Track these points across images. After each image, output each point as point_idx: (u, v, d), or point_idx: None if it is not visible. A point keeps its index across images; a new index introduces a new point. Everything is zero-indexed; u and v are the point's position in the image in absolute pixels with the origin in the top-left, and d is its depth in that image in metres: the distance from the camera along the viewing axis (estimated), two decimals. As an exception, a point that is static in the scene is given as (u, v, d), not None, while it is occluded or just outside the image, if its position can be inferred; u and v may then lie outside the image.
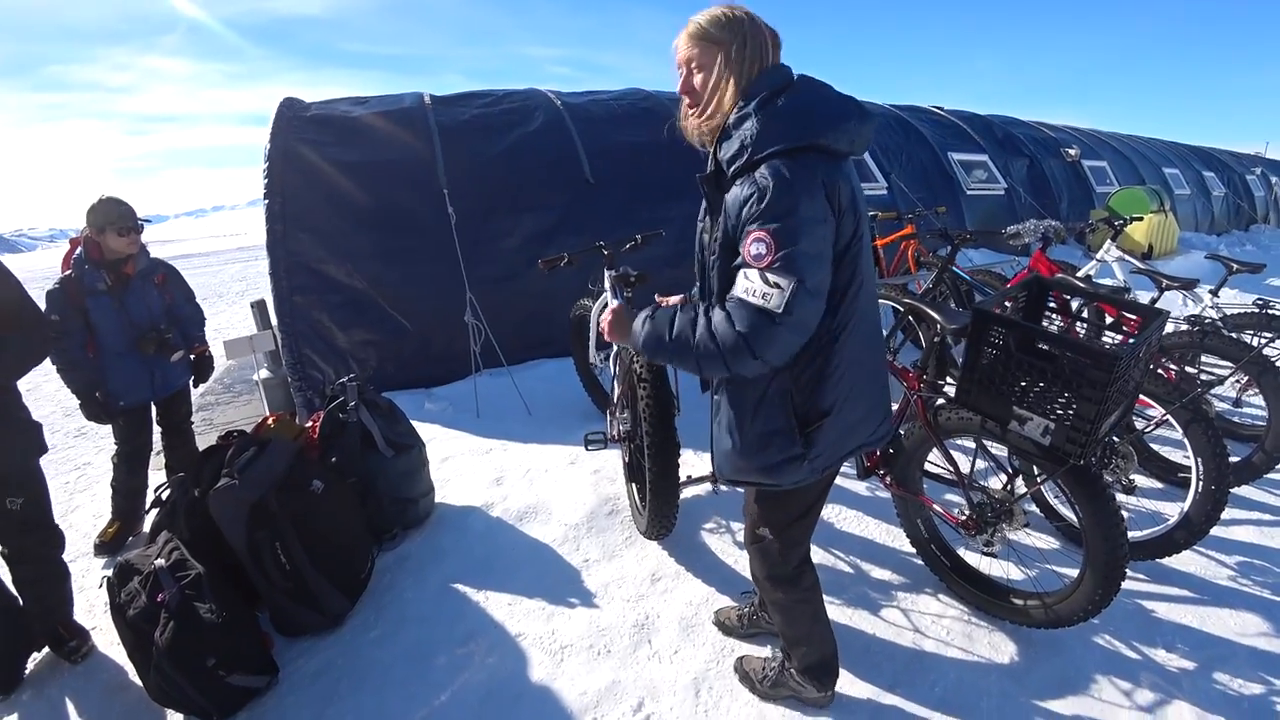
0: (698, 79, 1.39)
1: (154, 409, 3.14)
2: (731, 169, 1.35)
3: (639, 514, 2.77)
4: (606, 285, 3.49)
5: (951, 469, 2.16)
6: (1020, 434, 1.80)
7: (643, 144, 5.93)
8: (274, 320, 4.36)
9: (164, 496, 2.44)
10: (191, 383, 3.27)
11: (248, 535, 2.08)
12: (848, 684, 1.96)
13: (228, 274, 14.28)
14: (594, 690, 1.98)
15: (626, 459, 2.88)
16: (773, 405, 1.43)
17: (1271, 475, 2.95)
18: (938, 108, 9.82)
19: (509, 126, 5.56)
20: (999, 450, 2.31)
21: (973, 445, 2.23)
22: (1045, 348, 1.71)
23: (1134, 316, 1.97)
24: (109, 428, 3.04)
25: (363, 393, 2.88)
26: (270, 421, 2.80)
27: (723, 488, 3.18)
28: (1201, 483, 2.26)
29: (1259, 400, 2.93)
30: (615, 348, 3.26)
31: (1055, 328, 2.17)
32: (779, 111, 1.30)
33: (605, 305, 2.87)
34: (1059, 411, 1.69)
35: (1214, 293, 3.26)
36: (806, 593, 1.74)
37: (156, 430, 3.22)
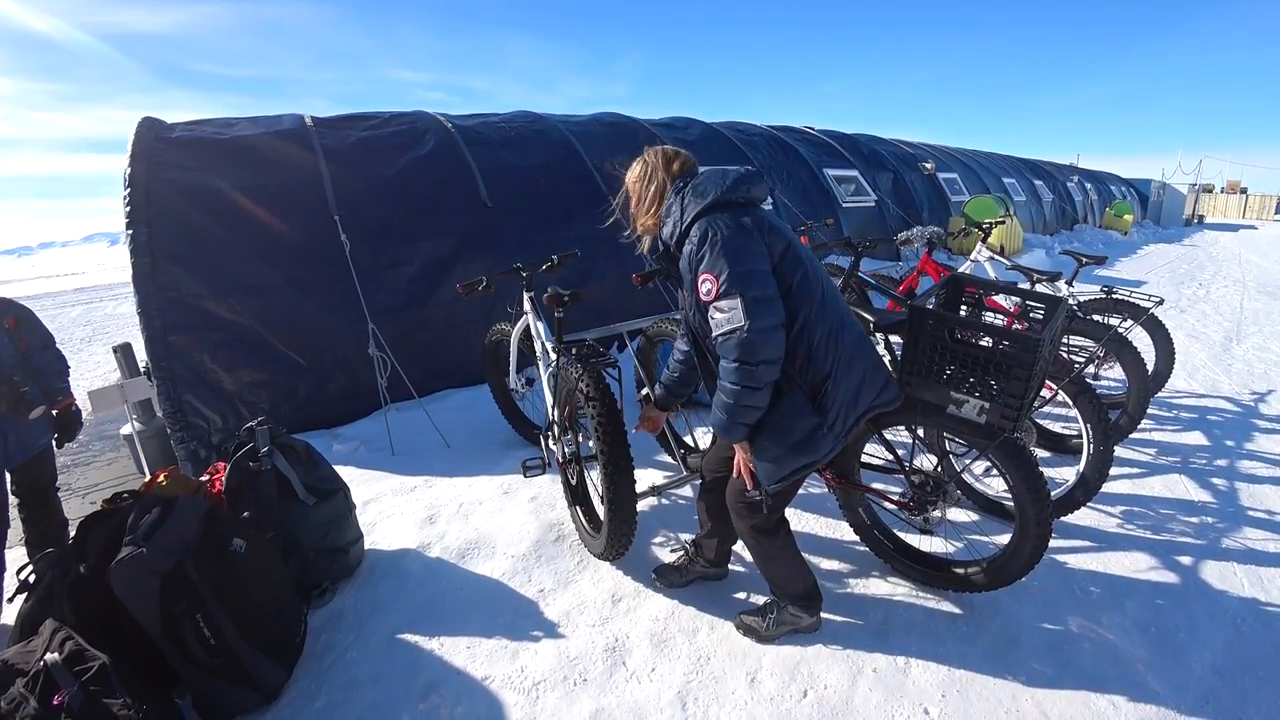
0: (633, 200, 1.94)
1: (8, 477, 2.66)
2: (674, 242, 1.79)
3: (589, 536, 2.70)
4: (526, 307, 3.41)
5: (892, 457, 2.30)
6: (958, 416, 1.96)
7: (537, 166, 5.90)
8: (144, 365, 3.85)
9: (32, 579, 2.06)
10: (54, 443, 2.80)
11: (163, 610, 1.80)
12: (824, 671, 2.02)
13: (67, 318, 12.48)
14: (578, 722, 1.90)
15: (573, 482, 2.81)
16: (781, 389, 1.73)
17: (1134, 435, 3.42)
18: (809, 128, 10.57)
19: (399, 149, 5.34)
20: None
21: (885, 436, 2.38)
22: (973, 338, 1.88)
23: (1039, 305, 2.22)
24: None
25: (276, 437, 2.61)
26: (162, 478, 2.46)
27: (664, 500, 3.19)
28: (1092, 446, 2.57)
29: (1116, 372, 3.38)
30: (541, 371, 3.19)
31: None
32: (688, 193, 1.77)
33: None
34: (993, 392, 1.85)
35: (1069, 283, 3.74)
36: (785, 539, 2.07)
37: (12, 502, 2.72)
